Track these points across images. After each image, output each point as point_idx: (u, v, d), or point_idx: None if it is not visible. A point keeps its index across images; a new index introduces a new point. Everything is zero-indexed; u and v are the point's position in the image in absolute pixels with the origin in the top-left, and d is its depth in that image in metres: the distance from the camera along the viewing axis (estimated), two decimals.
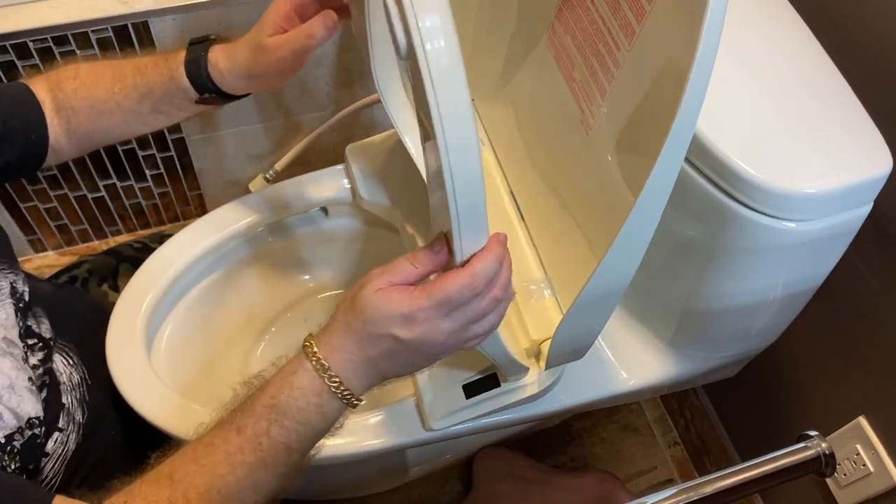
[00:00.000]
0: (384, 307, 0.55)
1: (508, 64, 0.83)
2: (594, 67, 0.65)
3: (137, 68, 0.77)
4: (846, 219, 0.76)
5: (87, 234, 1.37)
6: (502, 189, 0.87)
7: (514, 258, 0.79)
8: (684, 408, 1.30)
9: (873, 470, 0.89)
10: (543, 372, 0.78)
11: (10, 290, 0.73)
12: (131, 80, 0.76)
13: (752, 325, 0.91)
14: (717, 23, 0.47)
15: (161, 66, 0.75)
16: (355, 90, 1.26)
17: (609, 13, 0.61)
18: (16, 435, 0.66)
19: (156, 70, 0.76)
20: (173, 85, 0.75)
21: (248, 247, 0.95)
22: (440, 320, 0.55)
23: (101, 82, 0.77)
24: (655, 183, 0.53)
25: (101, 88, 0.77)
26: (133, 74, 0.76)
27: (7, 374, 0.68)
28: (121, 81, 0.76)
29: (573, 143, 0.71)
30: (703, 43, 0.47)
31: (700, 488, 0.72)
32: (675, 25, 0.52)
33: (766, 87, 0.77)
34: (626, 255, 0.59)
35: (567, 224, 0.73)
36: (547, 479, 1.16)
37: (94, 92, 0.77)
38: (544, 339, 0.76)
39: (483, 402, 0.79)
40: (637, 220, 0.56)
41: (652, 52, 0.57)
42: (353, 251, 1.03)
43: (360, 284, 0.57)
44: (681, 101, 0.49)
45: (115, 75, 0.77)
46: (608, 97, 0.63)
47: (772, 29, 0.83)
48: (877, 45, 0.80)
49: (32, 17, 0.99)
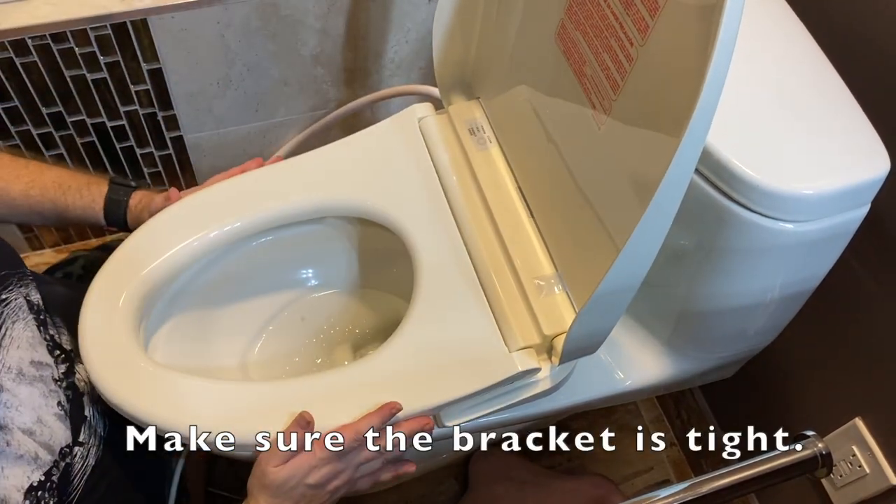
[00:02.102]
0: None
1: (515, 61, 0.83)
2: (606, 63, 0.65)
3: (59, 186, 0.86)
4: (843, 220, 0.76)
5: (85, 231, 1.37)
6: (510, 186, 0.87)
7: (523, 254, 0.81)
8: (681, 408, 1.30)
9: (869, 471, 0.89)
10: (556, 367, 0.78)
11: (26, 304, 0.73)
12: (52, 193, 0.85)
13: (750, 325, 0.91)
14: (735, 14, 0.48)
15: (83, 194, 0.86)
16: (355, 89, 1.26)
17: (621, 9, 0.61)
18: (53, 470, 0.67)
19: (78, 195, 0.86)
20: (89, 213, 0.87)
21: (246, 243, 0.94)
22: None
23: (19, 181, 0.84)
24: (675, 172, 0.54)
25: (17, 187, 0.84)
26: (54, 188, 0.85)
27: (34, 407, 0.68)
28: (40, 188, 0.85)
29: (584, 138, 0.71)
30: (722, 32, 0.48)
31: (696, 488, 0.72)
32: (690, 19, 0.53)
33: (764, 88, 0.77)
34: (645, 246, 0.60)
35: (579, 218, 0.73)
36: (543, 482, 1.16)
37: (10, 188, 0.84)
38: (556, 334, 0.76)
39: (496, 398, 0.79)
40: (656, 210, 0.56)
41: (667, 46, 0.57)
42: (351, 249, 1.03)
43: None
44: (700, 89, 0.50)
45: (34, 181, 0.85)
46: (621, 92, 0.64)
47: (770, 30, 0.83)
48: (875, 46, 0.80)
49: (31, 15, 0.98)
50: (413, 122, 0.93)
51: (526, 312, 0.79)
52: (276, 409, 0.74)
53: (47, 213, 0.86)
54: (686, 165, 0.54)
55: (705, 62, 0.50)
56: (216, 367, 0.95)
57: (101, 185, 0.88)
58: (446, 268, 0.84)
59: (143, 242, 0.84)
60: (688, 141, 0.52)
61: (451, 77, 0.94)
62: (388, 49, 1.22)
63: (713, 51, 0.49)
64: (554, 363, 0.78)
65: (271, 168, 0.91)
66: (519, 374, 0.76)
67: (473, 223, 0.85)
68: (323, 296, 1.05)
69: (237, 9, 1.06)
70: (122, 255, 0.83)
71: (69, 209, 0.86)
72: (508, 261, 0.82)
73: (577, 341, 0.72)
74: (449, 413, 0.79)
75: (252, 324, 1.01)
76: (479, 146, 0.90)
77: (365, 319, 1.05)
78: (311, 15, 1.11)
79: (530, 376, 0.78)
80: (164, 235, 0.85)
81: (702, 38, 0.50)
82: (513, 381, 0.77)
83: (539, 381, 0.79)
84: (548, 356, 0.78)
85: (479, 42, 0.90)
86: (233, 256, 0.93)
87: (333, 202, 0.91)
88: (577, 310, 0.77)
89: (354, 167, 0.91)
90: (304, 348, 1.02)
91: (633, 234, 0.57)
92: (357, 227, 1.00)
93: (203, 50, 1.10)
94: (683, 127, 0.52)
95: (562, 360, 0.76)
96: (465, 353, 0.78)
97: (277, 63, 1.16)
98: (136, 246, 0.84)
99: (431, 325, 0.80)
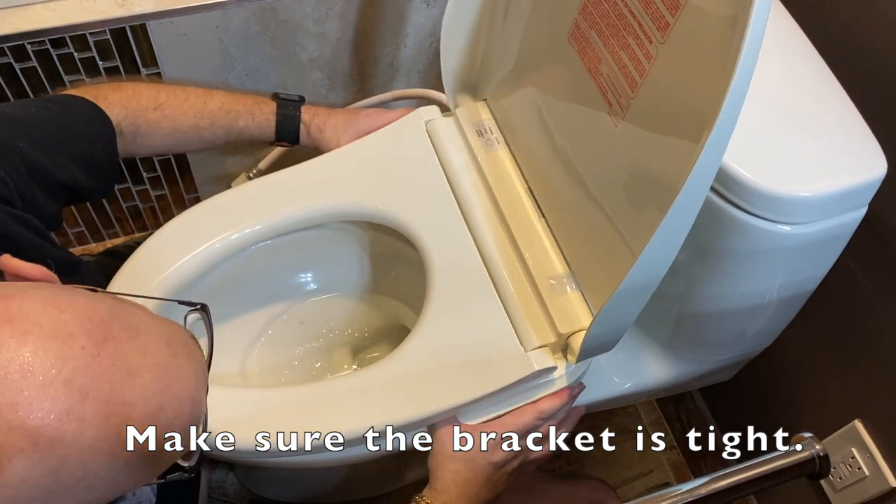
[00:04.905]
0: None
1: (524, 62, 0.83)
2: (623, 61, 0.65)
3: (228, 112, 0.89)
4: (841, 222, 0.76)
5: (84, 236, 1.37)
6: (520, 186, 0.87)
7: (535, 254, 0.82)
8: (680, 411, 1.30)
9: (868, 473, 0.89)
10: (571, 366, 0.78)
11: None
12: (222, 121, 0.89)
13: (748, 327, 0.91)
14: (762, 16, 0.48)
15: (255, 116, 0.90)
16: (353, 93, 1.26)
17: (640, 8, 0.61)
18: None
19: (250, 118, 0.90)
20: (264, 132, 0.91)
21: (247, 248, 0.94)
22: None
23: (186, 117, 0.87)
24: (697, 175, 0.53)
25: (186, 122, 0.87)
26: (223, 115, 0.89)
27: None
28: (209, 119, 0.88)
29: (598, 137, 0.71)
30: (751, 29, 0.48)
31: (695, 491, 0.72)
32: (714, 18, 0.53)
33: (762, 90, 0.77)
34: (667, 244, 0.60)
35: (594, 217, 0.73)
36: (541, 489, 1.16)
37: (179, 124, 0.87)
38: (571, 332, 0.76)
39: (513, 398, 0.79)
40: (681, 207, 0.56)
41: (688, 45, 0.57)
42: (350, 253, 1.03)
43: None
44: (727, 89, 0.50)
45: (200, 111, 0.88)
46: (640, 90, 0.63)
47: (769, 34, 0.83)
48: (871, 49, 0.80)
49: (30, 20, 0.99)
50: (420, 125, 0.93)
51: (540, 312, 0.79)
52: (301, 410, 0.76)
53: (219, 140, 0.90)
54: (709, 167, 0.54)
55: (732, 63, 0.49)
56: (215, 371, 0.95)
57: (269, 104, 0.92)
58: (458, 269, 0.84)
59: (154, 251, 0.85)
60: (712, 141, 0.52)
61: (458, 79, 0.94)
62: (387, 53, 1.22)
63: (740, 52, 0.49)
64: (570, 361, 0.78)
65: (277, 174, 0.92)
66: (535, 373, 0.76)
67: (484, 224, 0.85)
68: (322, 300, 1.05)
69: (236, 13, 1.06)
70: (135, 263, 0.84)
71: (243, 132, 0.90)
72: (521, 261, 0.82)
73: (596, 338, 0.73)
74: (466, 414, 0.79)
75: (251, 328, 1.01)
76: (488, 147, 0.90)
77: (364, 323, 1.06)
78: (310, 19, 1.11)
79: (546, 375, 0.78)
80: (175, 244, 0.85)
81: (726, 39, 0.50)
82: (529, 381, 0.78)
83: (555, 380, 0.79)
84: (563, 355, 0.79)
85: (487, 44, 0.90)
86: (232, 261, 0.93)
87: (341, 206, 0.91)
88: (591, 308, 0.78)
89: (362, 171, 0.91)
90: (303, 352, 1.02)
91: (659, 229, 0.57)
92: (357, 230, 1.00)
93: (202, 55, 1.10)
94: (708, 127, 0.51)
95: (579, 357, 0.76)
96: (481, 353, 0.78)
97: (276, 67, 1.17)
98: (148, 254, 0.85)
99: (446, 326, 0.80)
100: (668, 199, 0.55)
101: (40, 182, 0.72)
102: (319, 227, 0.95)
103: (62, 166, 0.74)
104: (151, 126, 0.85)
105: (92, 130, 0.79)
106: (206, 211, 0.88)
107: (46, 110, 0.76)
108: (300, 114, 0.92)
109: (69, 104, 0.80)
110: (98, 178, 0.80)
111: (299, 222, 0.90)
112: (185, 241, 0.85)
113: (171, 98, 0.87)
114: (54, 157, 0.73)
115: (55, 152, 0.73)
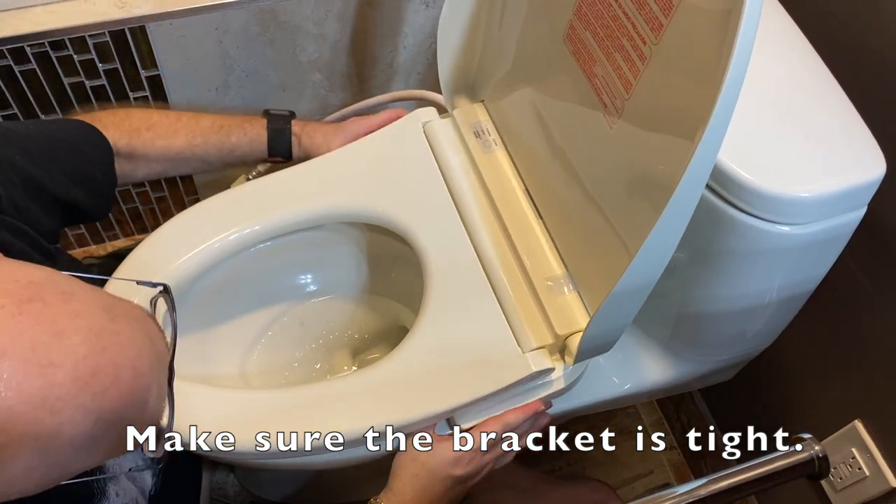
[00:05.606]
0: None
1: (521, 63, 0.83)
2: (618, 62, 0.65)
3: (219, 128, 0.90)
4: (841, 222, 0.76)
5: (85, 238, 1.38)
6: (517, 187, 0.87)
7: (532, 255, 0.82)
8: (680, 411, 1.30)
9: (869, 474, 0.89)
10: (569, 367, 0.79)
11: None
12: (214, 137, 0.89)
13: (748, 328, 0.91)
14: (754, 15, 0.48)
15: (247, 130, 0.91)
16: (353, 94, 1.26)
17: (633, 9, 0.62)
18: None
19: (241, 132, 0.91)
20: (255, 147, 0.92)
21: (246, 249, 0.95)
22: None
23: (178, 135, 0.88)
24: (692, 174, 0.54)
25: (179, 140, 0.87)
26: (215, 132, 0.89)
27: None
28: (202, 136, 0.89)
29: (594, 138, 0.71)
30: (744, 23, 0.48)
31: (695, 492, 0.72)
32: (706, 19, 0.53)
33: (760, 91, 0.77)
34: (663, 243, 0.60)
35: (591, 218, 0.73)
36: (542, 490, 1.16)
37: (172, 143, 0.87)
38: (569, 333, 0.76)
39: (510, 400, 0.79)
40: (676, 206, 0.56)
41: (682, 46, 0.57)
42: (350, 254, 1.03)
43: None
44: (720, 88, 0.50)
45: (192, 129, 0.89)
46: (634, 91, 0.64)
47: (765, 33, 0.83)
48: (870, 49, 0.80)
49: (29, 22, 0.99)
50: (417, 126, 0.93)
51: (538, 313, 0.79)
52: (301, 410, 0.76)
53: (212, 157, 0.90)
54: (704, 166, 0.54)
55: (724, 61, 0.49)
56: (215, 372, 0.96)
57: (259, 120, 0.92)
58: (456, 270, 0.84)
59: (151, 251, 0.85)
60: (707, 139, 0.52)
61: (455, 80, 0.94)
62: (386, 54, 1.22)
63: (732, 50, 0.49)
64: (567, 363, 0.78)
65: (275, 175, 0.92)
66: (533, 374, 0.76)
67: (481, 225, 0.86)
68: (322, 301, 1.05)
69: (235, 15, 1.06)
70: (133, 262, 0.84)
71: (235, 148, 0.91)
72: (518, 262, 0.82)
73: (593, 340, 0.73)
74: (463, 415, 0.79)
75: (252, 329, 1.01)
76: (485, 149, 0.90)
77: (364, 324, 1.06)
78: (310, 21, 1.11)
79: (544, 376, 0.78)
80: (173, 244, 0.85)
81: (718, 39, 0.50)
82: (527, 382, 0.78)
83: (553, 381, 0.79)
84: (560, 356, 0.79)
85: (483, 45, 0.90)
86: (232, 262, 0.93)
87: (339, 208, 0.91)
88: (588, 309, 0.78)
89: (360, 172, 0.91)
90: (303, 354, 1.02)
91: (654, 229, 0.57)
92: (357, 231, 1.00)
93: (201, 56, 1.10)
94: (702, 125, 0.51)
95: (576, 359, 0.76)
96: (479, 354, 0.78)
97: (276, 69, 1.17)
98: (145, 255, 0.84)
99: (443, 327, 0.80)
100: (664, 199, 0.56)
101: (35, 195, 0.71)
102: (318, 229, 0.95)
103: (58, 182, 0.73)
104: (146, 145, 0.85)
105: (89, 149, 0.80)
106: (205, 211, 0.88)
107: (43, 128, 0.77)
108: (290, 126, 0.93)
109: (66, 124, 0.81)
110: (95, 197, 0.80)
111: (298, 223, 0.90)
112: (183, 240, 0.85)
113: (163, 118, 0.88)
114: (50, 171, 0.73)
115: (51, 167, 0.73)
